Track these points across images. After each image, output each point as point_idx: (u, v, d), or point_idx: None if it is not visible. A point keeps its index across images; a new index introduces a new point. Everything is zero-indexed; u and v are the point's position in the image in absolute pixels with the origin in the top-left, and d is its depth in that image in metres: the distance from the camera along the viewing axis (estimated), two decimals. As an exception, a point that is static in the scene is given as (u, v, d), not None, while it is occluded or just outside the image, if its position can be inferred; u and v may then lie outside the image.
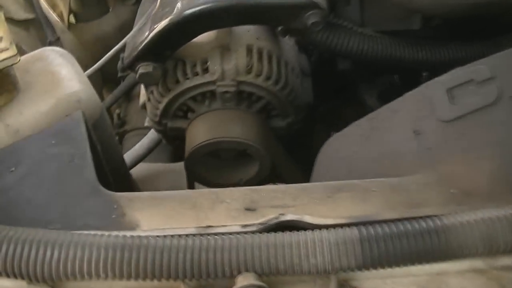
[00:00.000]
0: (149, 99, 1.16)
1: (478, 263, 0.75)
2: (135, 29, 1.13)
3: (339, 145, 0.94)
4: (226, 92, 1.10)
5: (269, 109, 1.16)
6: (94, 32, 1.63)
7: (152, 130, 1.28)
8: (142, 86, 1.20)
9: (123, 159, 1.11)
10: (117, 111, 1.51)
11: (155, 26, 1.06)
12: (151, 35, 1.06)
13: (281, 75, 1.12)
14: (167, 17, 1.05)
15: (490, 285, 0.73)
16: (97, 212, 0.79)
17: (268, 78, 1.11)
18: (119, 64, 1.41)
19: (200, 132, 1.12)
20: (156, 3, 1.12)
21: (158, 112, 1.15)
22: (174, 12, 1.05)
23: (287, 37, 1.17)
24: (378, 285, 0.73)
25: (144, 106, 1.21)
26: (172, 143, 1.24)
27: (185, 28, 1.05)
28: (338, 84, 1.32)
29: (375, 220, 0.74)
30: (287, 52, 1.17)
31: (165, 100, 1.13)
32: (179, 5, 1.05)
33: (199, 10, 1.03)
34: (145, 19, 1.11)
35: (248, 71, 1.10)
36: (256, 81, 1.10)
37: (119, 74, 1.46)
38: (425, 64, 1.09)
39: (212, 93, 1.12)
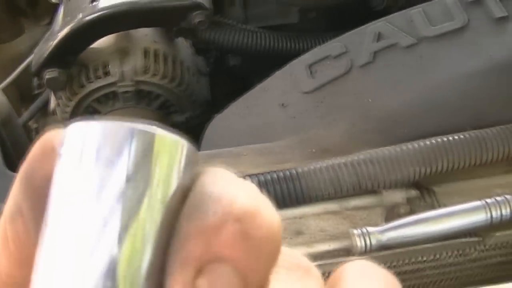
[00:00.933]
0: (58, 104, 1.28)
1: (332, 205, 0.89)
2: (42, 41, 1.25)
3: (219, 126, 1.08)
4: (126, 92, 1.23)
5: (168, 106, 1.29)
6: (10, 52, 1.74)
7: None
8: (52, 93, 1.32)
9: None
10: (35, 125, 1.61)
11: (58, 35, 1.19)
12: (54, 42, 1.18)
13: (176, 73, 1.25)
14: (68, 26, 1.18)
15: (344, 223, 0.86)
16: (3, 191, 0.90)
17: (164, 77, 1.24)
18: (35, 81, 1.52)
19: (104, 130, 1.24)
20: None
21: (67, 115, 1.27)
22: (75, 20, 1.18)
23: (183, 41, 1.31)
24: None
25: (54, 112, 1.33)
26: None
27: (85, 34, 1.18)
28: (235, 81, 1.46)
29: (241, 175, 0.88)
30: (183, 53, 1.31)
31: (72, 104, 1.25)
32: (80, 15, 1.18)
33: (97, 16, 1.16)
34: (50, 31, 1.24)
35: (146, 71, 1.23)
36: (153, 80, 1.23)
37: (36, 91, 1.57)
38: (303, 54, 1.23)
39: (114, 94, 1.24)
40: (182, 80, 1.26)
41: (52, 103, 1.34)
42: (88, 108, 1.27)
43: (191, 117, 1.31)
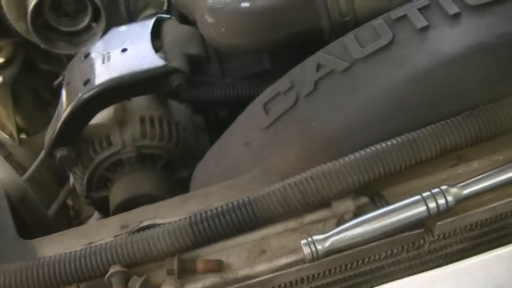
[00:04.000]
0: (75, 179, 1.50)
1: (291, 223, 1.03)
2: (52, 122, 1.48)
3: (200, 172, 1.25)
4: (130, 157, 1.43)
5: (172, 164, 1.48)
6: (41, 141, 1.98)
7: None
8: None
9: (51, 221, 1.44)
10: (70, 203, 1.84)
11: (62, 116, 1.41)
12: (59, 123, 1.40)
13: (172, 134, 1.45)
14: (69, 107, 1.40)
15: (302, 238, 0.99)
16: (17, 256, 1.09)
17: (161, 139, 1.44)
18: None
19: (117, 194, 1.44)
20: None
21: (84, 187, 1.48)
22: (74, 101, 1.39)
23: (178, 103, 1.51)
24: (218, 256, 1.01)
25: (74, 186, 1.55)
26: (103, 212, 1.56)
27: (84, 111, 1.38)
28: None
29: (207, 209, 1.03)
30: (178, 115, 1.50)
31: (85, 176, 1.46)
32: (78, 95, 1.40)
33: (91, 95, 1.37)
34: (56, 114, 1.46)
35: (144, 136, 1.43)
36: (152, 143, 1.43)
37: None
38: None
39: (120, 161, 1.45)
40: (179, 139, 1.45)
41: (71, 179, 1.56)
42: (101, 178, 1.48)
43: (195, 171, 1.49)
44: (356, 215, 0.99)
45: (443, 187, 0.97)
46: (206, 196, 1.10)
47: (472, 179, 0.99)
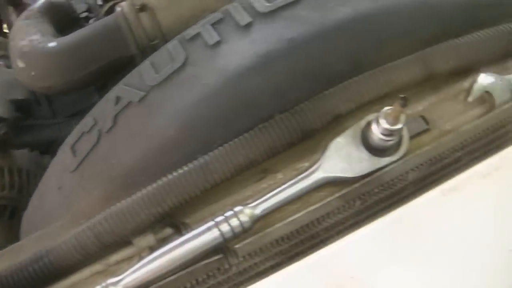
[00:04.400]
0: None
1: (97, 266, 1.01)
2: None
3: (25, 222, 1.22)
4: (-28, 213, 1.41)
5: (19, 211, 1.46)
6: None
7: None
8: None
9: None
10: None
11: None
12: None
13: (14, 182, 1.42)
14: None
15: (104, 277, 0.98)
16: None
17: (3, 189, 1.41)
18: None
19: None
20: None
21: None
22: None
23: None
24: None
25: None
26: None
27: None
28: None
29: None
30: (21, 160, 1.48)
31: None
32: None
33: None
34: None
35: (-19, 190, 1.40)
36: (-8, 195, 1.41)
37: None
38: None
39: (-36, 218, 1.42)
40: (21, 185, 1.42)
41: None
42: (-51, 239, 1.45)
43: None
44: (154, 250, 0.97)
45: (237, 209, 0.96)
46: (18, 251, 1.07)
47: (267, 196, 0.97)
